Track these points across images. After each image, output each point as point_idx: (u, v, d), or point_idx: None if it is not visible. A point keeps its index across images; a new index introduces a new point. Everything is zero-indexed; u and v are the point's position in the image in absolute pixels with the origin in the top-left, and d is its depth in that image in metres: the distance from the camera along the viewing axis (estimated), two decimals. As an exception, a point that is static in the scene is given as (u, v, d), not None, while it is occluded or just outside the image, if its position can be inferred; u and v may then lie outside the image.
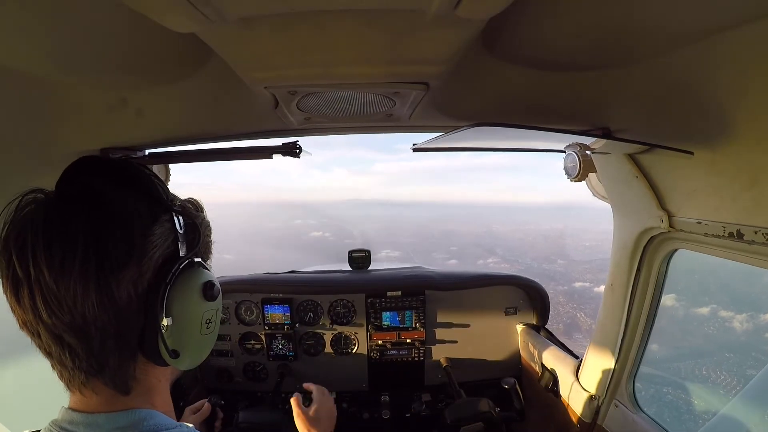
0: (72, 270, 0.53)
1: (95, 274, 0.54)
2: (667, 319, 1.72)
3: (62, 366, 0.59)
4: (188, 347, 0.66)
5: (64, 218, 0.55)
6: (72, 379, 0.60)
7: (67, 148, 1.28)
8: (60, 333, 0.55)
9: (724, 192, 1.04)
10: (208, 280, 0.68)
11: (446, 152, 1.70)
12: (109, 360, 0.59)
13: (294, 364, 2.48)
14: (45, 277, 0.53)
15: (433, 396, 2.50)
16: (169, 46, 0.87)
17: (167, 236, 0.63)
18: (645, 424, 1.59)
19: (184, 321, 0.64)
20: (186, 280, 0.65)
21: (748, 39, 0.81)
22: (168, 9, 0.64)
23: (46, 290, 0.53)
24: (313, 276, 2.56)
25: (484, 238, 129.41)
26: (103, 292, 0.55)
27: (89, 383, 0.60)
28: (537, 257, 78.84)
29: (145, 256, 0.60)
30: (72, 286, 0.53)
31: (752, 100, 0.89)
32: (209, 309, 0.69)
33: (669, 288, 1.53)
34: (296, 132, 1.63)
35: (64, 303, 0.54)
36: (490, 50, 0.96)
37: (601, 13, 0.80)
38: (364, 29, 0.80)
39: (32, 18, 0.69)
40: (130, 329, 0.60)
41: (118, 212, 0.58)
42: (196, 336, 0.67)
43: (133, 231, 0.59)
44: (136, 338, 0.61)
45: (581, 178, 1.35)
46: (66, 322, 0.55)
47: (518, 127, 0.97)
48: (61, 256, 0.53)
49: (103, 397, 0.62)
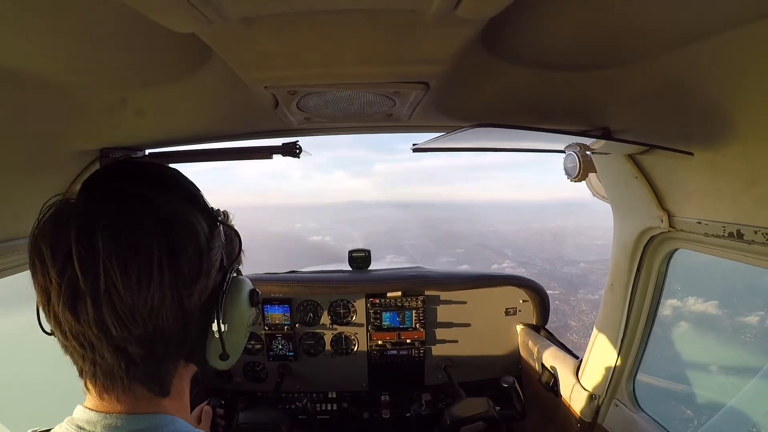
0: (150, 284, 0.54)
1: (170, 288, 0.56)
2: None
3: (108, 375, 0.57)
4: (234, 348, 0.70)
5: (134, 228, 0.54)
6: (112, 388, 0.58)
7: (67, 148, 1.28)
8: (125, 345, 0.55)
9: (724, 192, 1.05)
10: (252, 288, 0.73)
11: (447, 152, 1.70)
12: (164, 367, 0.61)
13: (294, 364, 2.48)
14: (119, 291, 0.52)
15: (433, 396, 2.51)
16: (169, 46, 0.87)
17: (220, 245, 0.66)
18: (645, 423, 1.59)
19: (236, 325, 0.68)
20: (236, 288, 0.69)
21: (747, 39, 0.81)
22: (168, 9, 0.64)
23: (119, 304, 0.52)
24: (313, 276, 2.56)
25: (490, 238, 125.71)
26: (177, 306, 0.57)
27: (132, 390, 0.60)
28: (550, 258, 73.01)
29: (212, 268, 0.63)
30: (149, 298, 0.54)
31: (752, 100, 0.89)
32: (252, 314, 0.74)
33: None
34: (296, 132, 1.63)
35: (139, 316, 0.54)
36: (490, 50, 0.96)
37: (601, 14, 0.80)
38: (364, 29, 0.80)
39: (32, 18, 0.69)
40: (190, 335, 0.63)
41: (185, 226, 0.60)
42: (242, 339, 0.73)
43: (201, 246, 0.61)
44: (191, 344, 0.64)
45: (581, 179, 1.35)
46: (136, 335, 0.55)
47: (518, 128, 0.97)
48: (138, 269, 0.53)
49: (137, 401, 0.61)
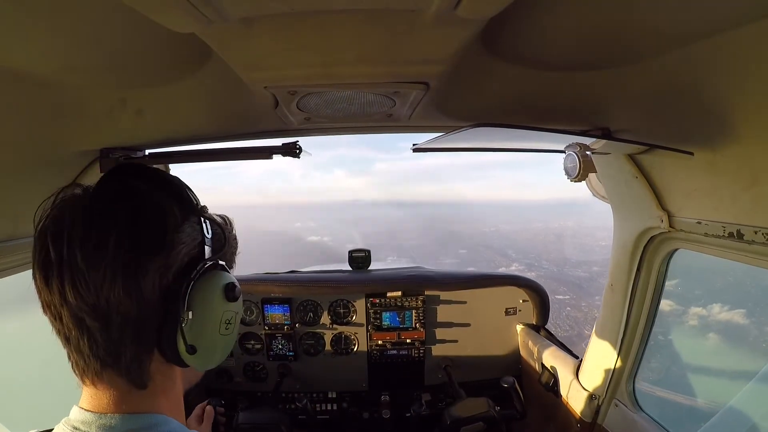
0: (104, 254, 0.56)
1: (125, 261, 0.58)
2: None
3: (78, 353, 0.60)
4: (205, 344, 0.67)
5: (102, 208, 0.59)
6: (87, 369, 0.60)
7: (67, 148, 1.28)
8: (82, 315, 0.57)
9: (724, 192, 1.04)
10: (230, 282, 0.71)
11: (448, 151, 1.70)
12: (126, 349, 0.60)
13: (294, 364, 2.48)
14: (77, 260, 0.56)
15: (433, 396, 2.51)
16: (169, 46, 0.87)
17: (195, 237, 0.67)
18: (645, 423, 1.59)
19: (204, 317, 0.66)
20: (209, 279, 0.68)
21: (748, 39, 0.81)
22: (168, 9, 0.64)
23: (76, 272, 0.56)
24: (313, 276, 2.56)
25: (493, 238, 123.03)
26: (131, 278, 0.58)
27: (104, 374, 0.61)
28: (556, 260, 69.30)
29: (174, 249, 0.63)
30: (102, 269, 0.56)
31: (752, 100, 0.89)
32: (229, 310, 0.71)
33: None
34: (296, 132, 1.63)
35: (92, 285, 0.56)
36: (490, 50, 0.96)
37: (602, 13, 0.80)
38: (364, 29, 0.80)
39: (32, 18, 0.69)
40: (150, 320, 0.62)
41: (152, 207, 0.63)
42: (215, 334, 0.69)
43: (165, 225, 0.63)
44: (154, 331, 0.63)
45: (581, 179, 1.35)
46: (90, 304, 0.57)
47: (518, 128, 0.97)
48: (96, 241, 0.57)
49: (117, 392, 0.62)
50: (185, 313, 0.63)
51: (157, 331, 0.63)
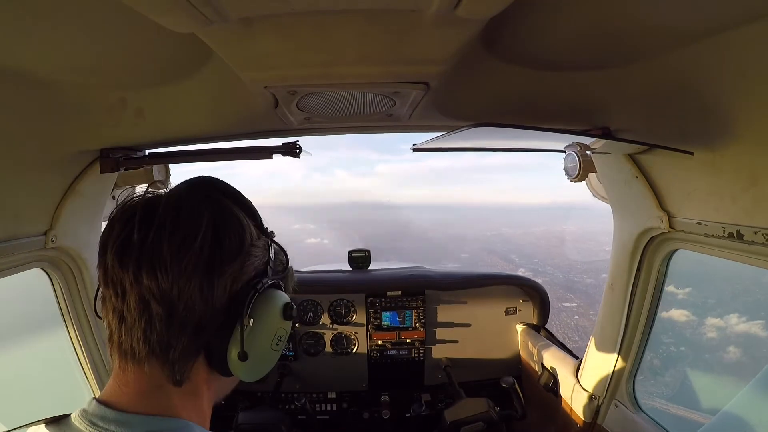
0: (189, 250, 0.59)
1: (205, 263, 0.60)
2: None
3: (129, 334, 0.60)
4: (257, 353, 0.69)
5: (191, 210, 0.62)
6: (130, 352, 0.60)
7: (67, 148, 1.28)
8: (149, 298, 0.58)
9: (724, 192, 1.04)
10: (290, 302, 0.74)
11: (449, 153, 1.70)
12: (179, 343, 0.61)
13: (294, 364, 2.48)
14: (162, 248, 0.58)
15: (433, 396, 2.51)
16: (169, 47, 0.87)
17: (263, 254, 0.71)
18: (645, 423, 1.59)
19: (262, 327, 0.68)
20: (272, 294, 0.71)
21: (748, 39, 0.81)
22: (168, 9, 0.64)
23: (158, 258, 0.58)
24: (313, 276, 2.56)
25: (495, 242, 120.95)
26: (206, 279, 0.61)
27: (146, 362, 0.60)
28: (561, 265, 65.40)
29: (247, 261, 0.66)
30: (184, 264, 0.59)
31: (752, 100, 0.89)
32: (283, 327, 0.74)
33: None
34: (296, 132, 1.63)
35: (171, 274, 0.58)
36: (490, 50, 0.96)
37: (601, 14, 0.80)
38: (364, 29, 0.80)
39: (32, 18, 0.69)
40: (212, 321, 0.63)
41: (234, 219, 0.67)
42: (267, 347, 0.71)
43: (243, 240, 0.66)
44: (212, 332, 0.64)
45: (581, 179, 1.35)
46: (163, 290, 0.58)
47: (518, 127, 0.97)
48: (183, 236, 0.59)
49: (148, 385, 0.61)
50: (247, 320, 0.65)
51: (215, 332, 0.64)
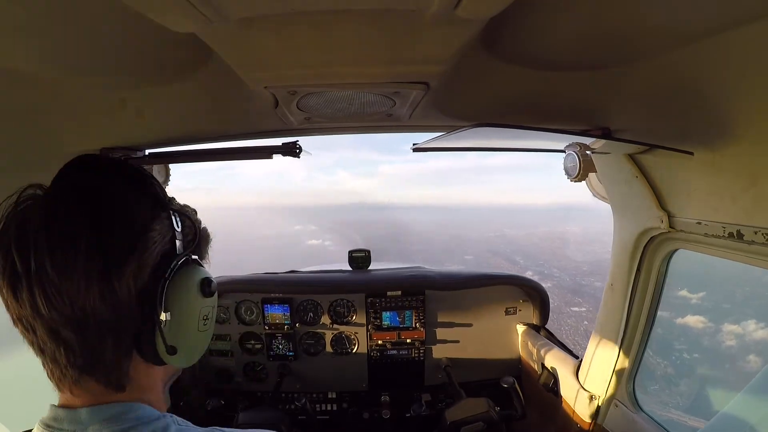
0: (75, 264, 0.53)
1: (98, 268, 0.55)
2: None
3: (54, 363, 0.57)
4: (186, 343, 0.66)
5: (66, 213, 0.55)
6: (63, 378, 0.58)
7: (67, 148, 1.28)
8: (57, 327, 0.55)
9: (724, 192, 1.04)
10: (205, 277, 0.69)
11: (451, 153, 1.70)
12: (104, 355, 0.58)
13: (294, 364, 2.48)
14: (47, 272, 0.53)
15: (433, 396, 2.51)
16: (169, 46, 0.87)
17: (165, 233, 0.64)
18: (645, 423, 1.59)
19: (182, 316, 0.64)
20: (184, 276, 0.65)
21: (748, 39, 0.81)
22: (168, 9, 0.64)
23: (48, 284, 0.53)
24: (313, 276, 2.56)
25: (499, 244, 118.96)
26: (105, 285, 0.55)
27: (81, 381, 0.59)
28: (566, 267, 64.19)
29: (146, 251, 0.60)
30: (75, 279, 0.54)
31: (752, 100, 0.89)
32: (206, 305, 0.69)
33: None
34: (296, 132, 1.63)
35: (66, 296, 0.53)
36: (490, 50, 0.96)
37: (601, 13, 0.80)
38: (364, 29, 0.80)
39: (32, 18, 0.69)
40: (127, 324, 0.60)
41: (118, 208, 0.59)
42: (194, 332, 0.68)
43: (134, 227, 0.59)
44: (132, 334, 0.61)
45: (581, 178, 1.35)
46: (65, 315, 0.54)
47: (518, 128, 0.97)
48: (64, 251, 0.53)
49: (91, 395, 0.60)
50: (163, 315, 0.61)
51: (136, 334, 0.61)
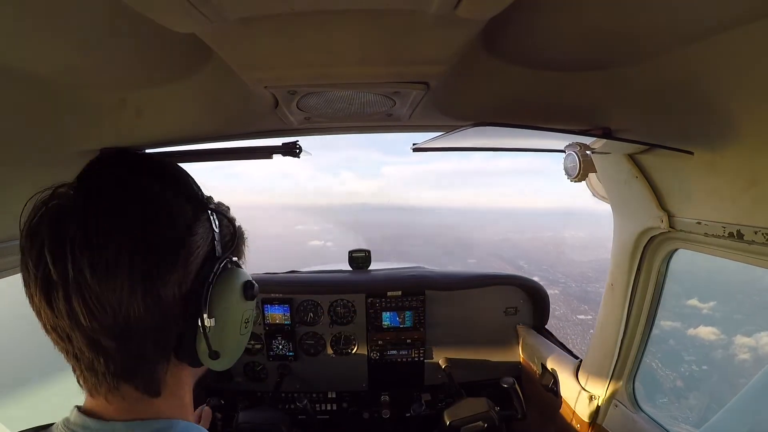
0: (118, 271, 0.50)
1: (142, 276, 0.52)
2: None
3: (91, 371, 0.55)
4: (228, 346, 0.64)
5: (106, 215, 0.52)
6: (98, 385, 0.56)
7: (67, 148, 1.28)
8: (98, 337, 0.52)
9: (724, 192, 1.04)
10: (247, 280, 0.67)
11: (456, 156, 1.70)
12: (144, 363, 0.57)
13: (294, 364, 2.48)
14: (86, 279, 0.49)
15: (433, 396, 2.51)
16: (168, 46, 0.87)
17: (207, 235, 0.61)
18: (645, 423, 1.59)
19: (226, 320, 0.63)
20: (227, 279, 0.63)
21: (748, 39, 0.81)
22: (168, 9, 0.64)
23: (87, 292, 0.49)
24: (313, 276, 2.56)
25: (502, 248, 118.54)
26: (150, 293, 0.53)
27: (118, 388, 0.56)
28: (572, 273, 61.93)
29: (191, 256, 0.58)
30: (118, 287, 0.51)
31: (752, 100, 0.89)
32: (248, 308, 0.68)
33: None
34: (296, 132, 1.63)
35: (108, 306, 0.50)
36: (490, 50, 0.96)
37: (601, 13, 0.80)
38: (364, 29, 0.80)
39: (31, 18, 0.69)
40: (169, 330, 0.58)
41: (162, 211, 0.56)
42: (236, 336, 0.66)
43: (180, 232, 0.57)
44: (174, 340, 0.59)
45: (581, 178, 1.35)
46: (107, 326, 0.51)
47: (518, 127, 0.97)
48: (107, 257, 0.50)
49: (126, 402, 0.58)
50: (208, 321, 0.59)
51: (178, 338, 0.59)
